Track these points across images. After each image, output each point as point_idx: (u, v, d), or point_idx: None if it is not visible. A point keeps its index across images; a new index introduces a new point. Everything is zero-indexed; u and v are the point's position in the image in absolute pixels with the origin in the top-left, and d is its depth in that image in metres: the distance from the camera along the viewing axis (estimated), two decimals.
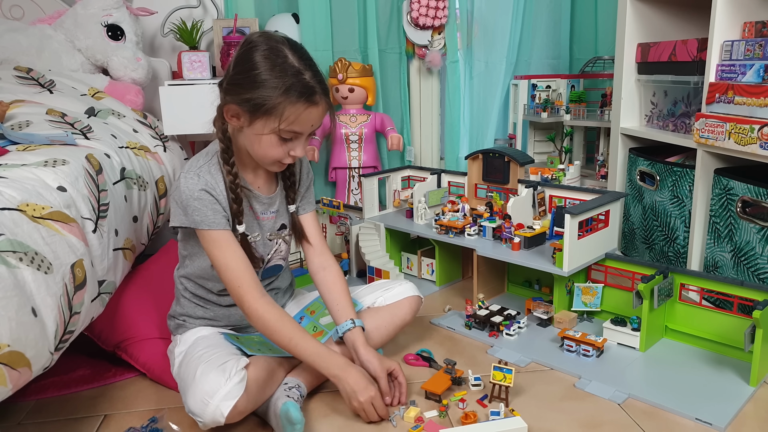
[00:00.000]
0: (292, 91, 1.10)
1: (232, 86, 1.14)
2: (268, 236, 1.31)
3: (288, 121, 1.12)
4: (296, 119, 1.12)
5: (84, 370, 1.44)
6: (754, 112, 1.44)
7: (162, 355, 1.39)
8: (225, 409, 1.08)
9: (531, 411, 1.24)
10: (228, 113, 1.16)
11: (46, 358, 0.96)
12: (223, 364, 1.13)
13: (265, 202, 1.29)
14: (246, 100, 1.11)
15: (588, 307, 1.60)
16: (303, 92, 1.11)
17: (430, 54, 2.48)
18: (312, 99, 1.12)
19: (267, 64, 1.10)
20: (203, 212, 1.16)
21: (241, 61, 1.13)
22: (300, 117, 1.12)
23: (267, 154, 1.17)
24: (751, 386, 1.30)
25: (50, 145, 1.35)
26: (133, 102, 2.04)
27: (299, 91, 1.10)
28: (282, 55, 1.11)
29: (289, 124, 1.12)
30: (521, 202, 1.75)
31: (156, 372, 1.39)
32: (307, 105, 1.12)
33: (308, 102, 1.12)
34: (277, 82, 1.09)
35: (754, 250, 1.47)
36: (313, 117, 1.15)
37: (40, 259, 0.96)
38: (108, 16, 2.07)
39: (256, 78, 1.10)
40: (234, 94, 1.13)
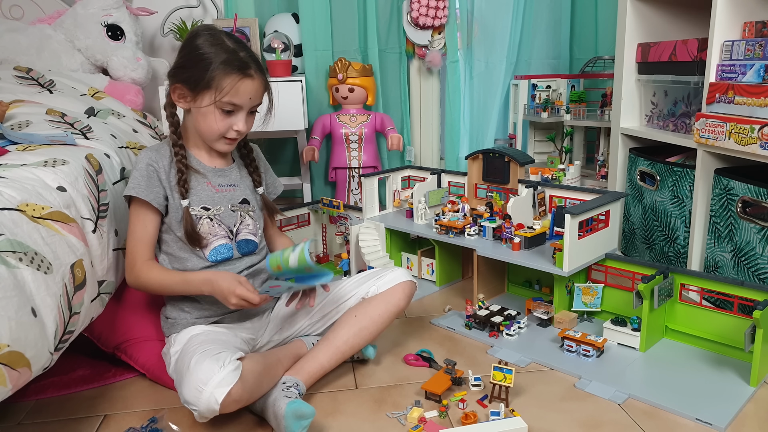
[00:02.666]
0: (227, 64, 1.23)
1: (176, 69, 1.29)
2: (231, 208, 1.37)
3: (225, 91, 1.24)
4: (232, 90, 1.24)
5: (84, 370, 1.44)
6: (755, 112, 1.44)
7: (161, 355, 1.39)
8: (219, 396, 1.08)
9: (531, 411, 1.24)
10: (174, 94, 1.30)
11: (46, 358, 0.96)
12: (217, 354, 1.14)
13: (220, 174, 1.38)
14: (187, 78, 1.26)
15: (588, 307, 1.60)
16: (238, 65, 1.24)
17: (430, 54, 2.48)
18: (246, 72, 1.25)
19: (205, 44, 1.25)
20: (137, 181, 1.28)
21: (184, 47, 1.29)
22: (236, 88, 1.24)
23: (211, 128, 1.28)
24: (751, 386, 1.29)
25: (50, 145, 1.35)
26: (133, 102, 2.04)
27: (234, 65, 1.24)
28: (219, 38, 1.26)
29: (227, 95, 1.24)
30: (521, 202, 1.75)
31: (155, 372, 1.39)
32: (241, 76, 1.24)
33: (242, 74, 1.24)
34: (213, 57, 1.24)
35: (754, 250, 1.47)
36: (249, 89, 1.26)
37: (39, 259, 0.96)
38: (108, 16, 2.07)
39: (195, 57, 1.25)
40: (178, 75, 1.28)
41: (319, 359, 1.31)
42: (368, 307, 1.39)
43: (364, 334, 1.36)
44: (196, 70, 1.24)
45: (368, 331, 1.36)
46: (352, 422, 1.22)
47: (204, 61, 1.23)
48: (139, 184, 1.28)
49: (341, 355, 1.34)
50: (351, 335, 1.35)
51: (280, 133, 2.31)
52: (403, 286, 1.43)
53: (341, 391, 1.34)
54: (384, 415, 1.24)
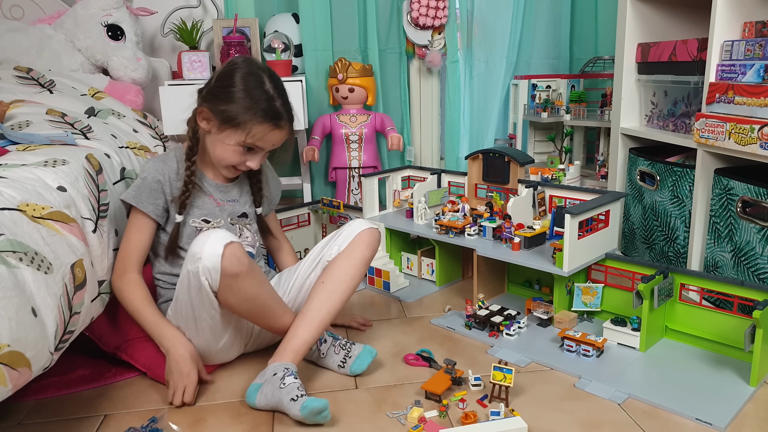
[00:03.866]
0: (262, 113, 1.28)
1: (210, 95, 1.32)
2: (230, 221, 1.44)
3: (254, 137, 1.30)
4: (261, 137, 1.31)
5: (84, 370, 1.44)
6: (755, 112, 1.44)
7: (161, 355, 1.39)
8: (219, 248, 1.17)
9: (531, 411, 1.24)
10: (201, 116, 1.33)
11: (46, 358, 0.96)
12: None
13: (222, 189, 1.44)
14: (220, 111, 1.29)
15: (588, 307, 1.60)
16: (271, 116, 1.29)
17: (430, 54, 2.48)
18: (278, 123, 1.31)
19: (245, 84, 1.28)
20: (140, 190, 1.33)
21: (223, 77, 1.31)
22: (265, 136, 1.31)
23: (225, 158, 1.34)
24: (751, 386, 1.30)
25: (50, 145, 1.35)
26: (133, 102, 2.04)
27: (268, 114, 1.29)
28: (260, 80, 1.30)
29: (254, 140, 1.31)
30: (521, 202, 1.75)
31: (156, 371, 1.39)
32: (272, 127, 1.31)
33: (274, 125, 1.30)
34: (250, 102, 1.28)
35: (754, 250, 1.47)
36: (275, 138, 1.33)
37: (40, 259, 0.96)
38: (108, 16, 2.07)
39: (233, 94, 1.28)
40: (210, 102, 1.31)
41: (300, 335, 1.32)
42: (333, 269, 1.39)
43: (336, 296, 1.36)
44: (230, 107, 1.28)
45: (339, 292, 1.36)
46: (352, 422, 1.22)
47: (239, 102, 1.27)
48: (141, 194, 1.34)
49: (320, 323, 1.33)
50: (323, 301, 1.35)
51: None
52: (362, 235, 1.41)
53: (341, 391, 1.34)
54: (384, 415, 1.24)
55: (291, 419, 1.22)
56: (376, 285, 1.91)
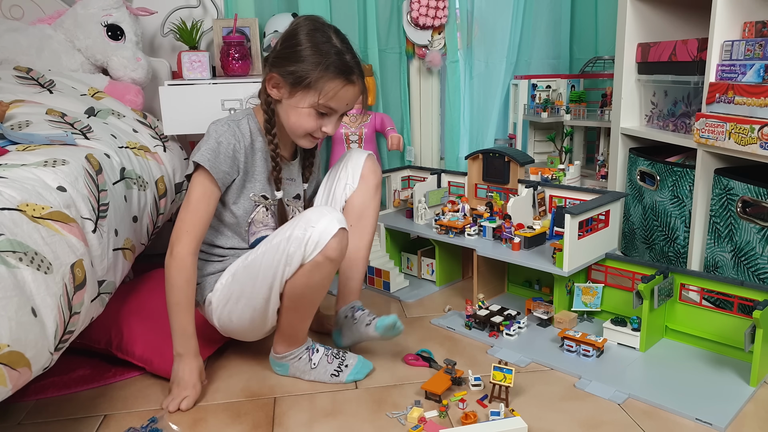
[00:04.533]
0: (333, 68, 1.20)
1: (277, 59, 1.24)
2: (285, 201, 1.40)
3: (327, 96, 1.23)
4: (334, 95, 1.23)
5: (84, 370, 1.44)
6: (755, 112, 1.44)
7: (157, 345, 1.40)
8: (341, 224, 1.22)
9: (531, 411, 1.24)
10: (270, 83, 1.26)
11: (46, 358, 0.96)
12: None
13: (285, 166, 1.39)
14: (289, 73, 1.22)
15: (588, 307, 1.60)
16: (343, 70, 1.22)
17: (430, 54, 2.48)
18: (350, 78, 1.23)
19: (311, 41, 1.21)
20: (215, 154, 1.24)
21: (288, 38, 1.24)
22: (338, 94, 1.23)
23: (301, 125, 1.27)
24: (751, 386, 1.30)
25: (50, 145, 1.35)
26: (133, 102, 2.04)
27: (339, 69, 1.21)
28: (326, 35, 1.23)
29: (327, 100, 1.23)
30: (521, 202, 1.75)
31: (154, 364, 1.39)
32: (344, 83, 1.23)
33: (346, 80, 1.23)
34: (319, 58, 1.20)
35: (754, 250, 1.47)
36: (348, 95, 1.25)
37: (39, 259, 0.96)
38: (108, 16, 2.07)
39: (300, 53, 1.21)
40: (278, 66, 1.24)
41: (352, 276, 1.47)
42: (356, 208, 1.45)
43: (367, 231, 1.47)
44: (299, 67, 1.21)
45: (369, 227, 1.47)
46: (352, 422, 1.22)
47: (307, 60, 1.21)
48: (217, 157, 1.25)
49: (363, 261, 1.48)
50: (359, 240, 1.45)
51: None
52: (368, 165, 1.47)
53: (341, 391, 1.34)
54: (384, 415, 1.24)
55: (291, 420, 1.22)
56: (376, 285, 1.91)
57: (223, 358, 1.50)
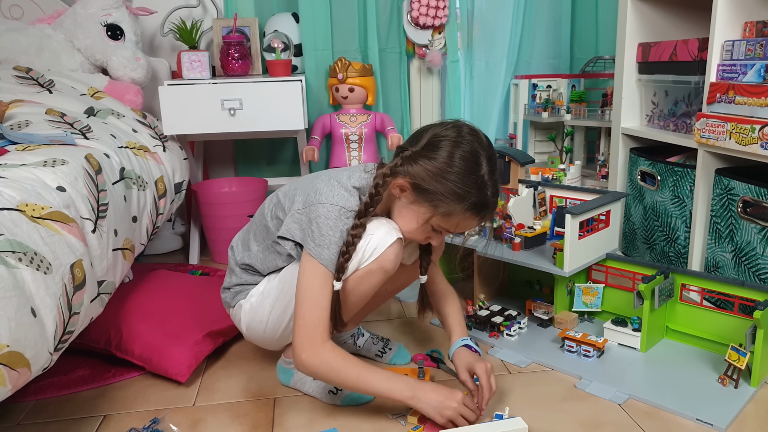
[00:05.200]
0: (474, 206, 1.09)
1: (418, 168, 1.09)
2: None
3: (449, 222, 1.12)
4: (459, 225, 1.13)
5: (83, 370, 1.44)
6: (755, 112, 1.44)
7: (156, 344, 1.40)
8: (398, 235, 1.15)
9: (531, 411, 1.24)
10: (396, 184, 1.13)
11: (46, 359, 0.96)
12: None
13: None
14: (424, 192, 1.10)
15: (589, 307, 1.60)
16: (481, 208, 1.11)
17: (430, 54, 2.48)
18: (484, 214, 1.13)
19: (462, 167, 1.08)
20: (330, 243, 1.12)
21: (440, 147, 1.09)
22: (465, 225, 1.13)
23: (409, 230, 1.17)
24: (751, 387, 1.29)
25: (49, 145, 1.35)
26: (133, 102, 2.04)
27: (479, 207, 1.10)
28: (477, 162, 1.09)
29: (450, 226, 1.14)
30: (522, 202, 1.75)
31: (154, 362, 1.39)
32: (477, 218, 1.13)
33: (479, 216, 1.13)
34: (463, 190, 1.08)
35: (755, 250, 1.46)
36: (472, 224, 1.15)
37: (39, 260, 0.96)
38: (107, 16, 2.07)
39: (444, 175, 1.07)
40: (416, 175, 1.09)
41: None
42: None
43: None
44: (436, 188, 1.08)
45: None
46: (353, 423, 1.22)
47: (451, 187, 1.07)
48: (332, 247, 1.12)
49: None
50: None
51: (279, 133, 2.30)
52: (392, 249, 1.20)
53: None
54: (384, 415, 1.24)
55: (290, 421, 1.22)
56: None
57: (223, 359, 1.50)
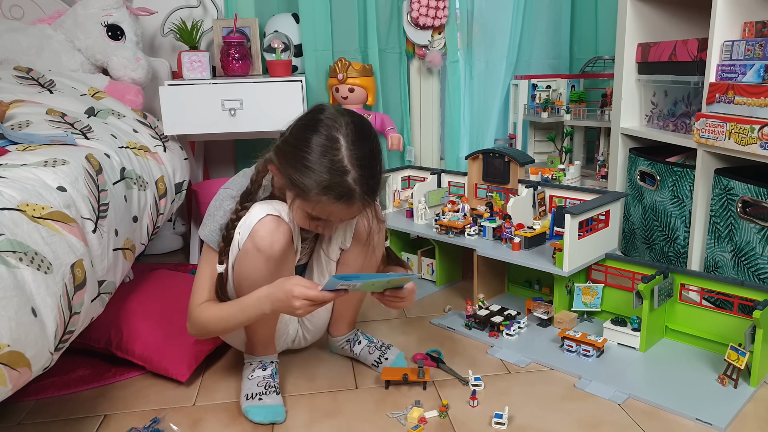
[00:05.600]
0: (331, 191, 1.08)
1: (281, 153, 1.14)
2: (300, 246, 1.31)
3: (320, 211, 1.13)
4: (328, 213, 1.13)
5: (83, 370, 1.44)
6: (755, 112, 1.44)
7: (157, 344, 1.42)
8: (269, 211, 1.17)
9: (531, 411, 1.24)
10: (271, 170, 1.20)
11: (46, 358, 0.96)
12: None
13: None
14: (287, 175, 1.13)
15: (588, 307, 1.60)
16: (341, 194, 1.09)
17: (430, 54, 2.48)
18: (349, 201, 1.11)
19: (319, 151, 1.08)
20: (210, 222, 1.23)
21: (301, 131, 1.12)
22: (332, 212, 1.13)
23: (295, 218, 1.20)
24: (751, 386, 1.30)
25: (50, 145, 1.35)
26: (133, 102, 2.04)
27: (337, 192, 1.09)
28: (336, 147, 1.08)
29: (320, 213, 1.14)
30: (521, 202, 1.75)
31: (154, 362, 1.40)
32: (341, 205, 1.11)
33: (344, 203, 1.10)
34: (319, 177, 1.08)
35: (754, 250, 1.47)
36: (344, 213, 1.14)
37: (40, 259, 0.96)
38: (108, 16, 2.07)
39: (303, 160, 1.09)
40: (279, 160, 1.15)
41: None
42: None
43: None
44: (297, 175, 1.10)
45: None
46: (352, 422, 1.22)
47: (307, 173, 1.09)
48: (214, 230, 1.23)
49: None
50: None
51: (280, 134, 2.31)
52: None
53: (341, 391, 1.34)
54: (384, 415, 1.24)
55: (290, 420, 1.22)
56: None
57: (223, 359, 1.50)
